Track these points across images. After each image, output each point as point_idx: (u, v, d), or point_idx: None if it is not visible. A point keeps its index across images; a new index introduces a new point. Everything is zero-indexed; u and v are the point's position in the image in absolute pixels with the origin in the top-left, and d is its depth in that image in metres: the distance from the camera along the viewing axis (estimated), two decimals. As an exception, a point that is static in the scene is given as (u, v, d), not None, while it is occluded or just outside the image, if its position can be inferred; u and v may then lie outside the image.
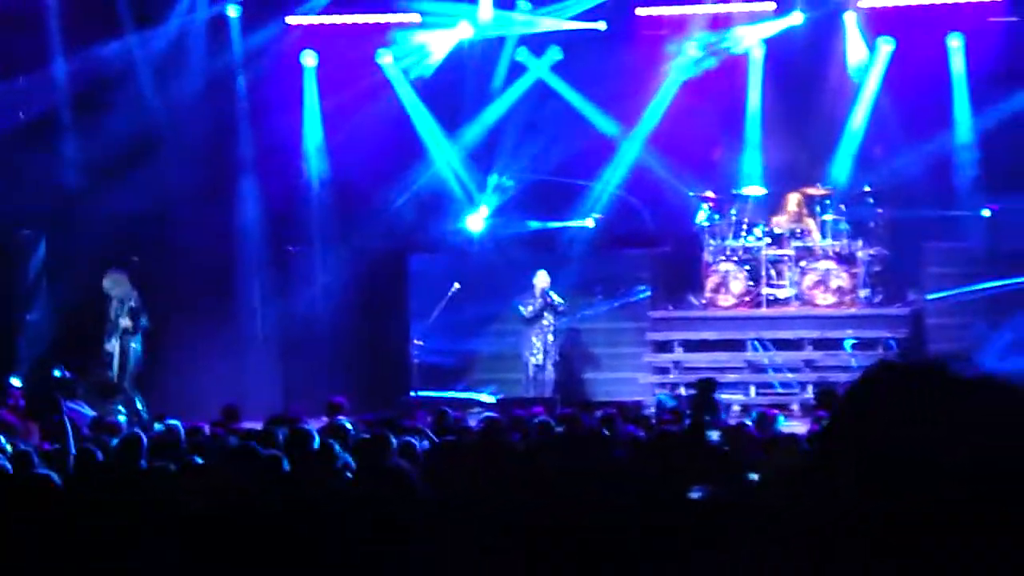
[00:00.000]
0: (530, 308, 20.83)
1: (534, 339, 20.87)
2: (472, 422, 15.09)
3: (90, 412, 16.57)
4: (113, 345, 19.63)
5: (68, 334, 20.24)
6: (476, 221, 22.58)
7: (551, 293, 20.83)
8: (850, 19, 21.91)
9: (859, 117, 21.93)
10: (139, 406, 19.11)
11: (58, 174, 21.10)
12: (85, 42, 21.05)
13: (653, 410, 18.22)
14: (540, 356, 20.86)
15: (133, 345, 19.67)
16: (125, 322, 19.62)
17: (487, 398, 20.56)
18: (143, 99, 21.57)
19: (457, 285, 21.25)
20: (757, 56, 22.16)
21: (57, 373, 18.93)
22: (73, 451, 9.26)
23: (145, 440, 10.05)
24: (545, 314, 20.83)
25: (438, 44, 22.52)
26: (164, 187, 20.97)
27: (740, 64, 22.24)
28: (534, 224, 22.42)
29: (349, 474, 8.84)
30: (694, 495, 5.49)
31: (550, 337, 20.90)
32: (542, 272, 21.01)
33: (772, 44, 22.02)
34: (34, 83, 20.99)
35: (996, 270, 20.52)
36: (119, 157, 20.92)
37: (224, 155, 21.94)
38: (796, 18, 21.69)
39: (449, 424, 13.98)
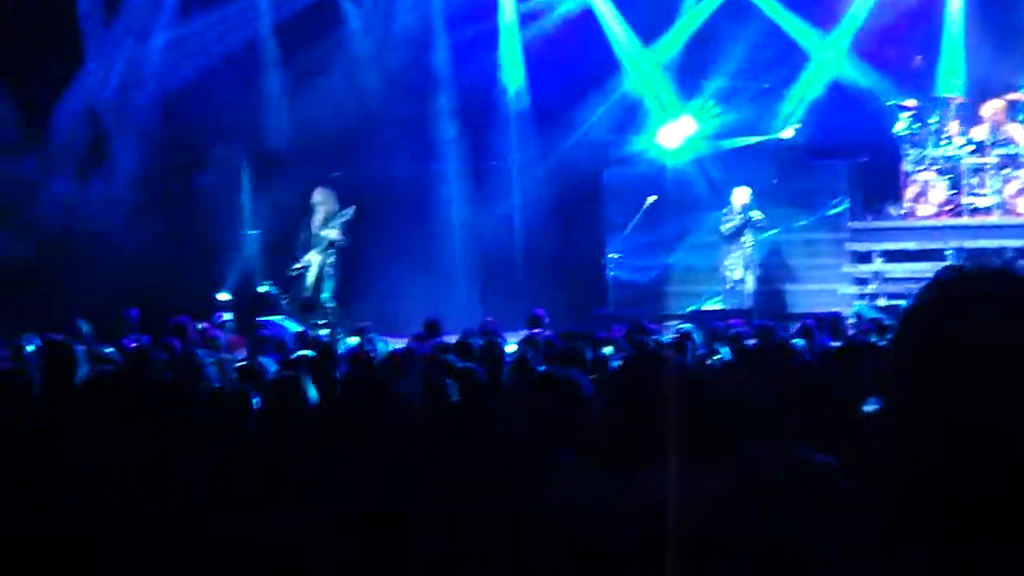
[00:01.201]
0: (730, 225, 20.81)
1: (733, 255, 20.86)
2: (667, 336, 15.13)
3: (295, 327, 17.03)
4: (309, 259, 20.10)
5: (274, 250, 20.78)
6: (671, 135, 22.50)
7: (752, 209, 20.76)
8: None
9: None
10: (336, 320, 19.54)
11: (262, 96, 21.59)
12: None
13: (852, 321, 18.08)
14: (740, 271, 20.85)
15: (331, 260, 20.11)
16: (332, 234, 20.06)
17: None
18: (342, 20, 21.93)
19: (653, 198, 21.32)
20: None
21: (262, 289, 19.46)
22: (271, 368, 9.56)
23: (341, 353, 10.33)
24: (745, 231, 20.80)
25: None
26: (363, 104, 21.34)
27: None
28: (732, 140, 22.27)
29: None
30: (868, 407, 5.54)
31: (749, 251, 20.86)
32: (742, 188, 20.93)
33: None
34: (239, 10, 21.47)
35: None
36: (320, 77, 21.37)
37: (421, 70, 22.19)
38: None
39: (643, 338, 14.05)
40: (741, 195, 20.86)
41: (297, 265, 20.11)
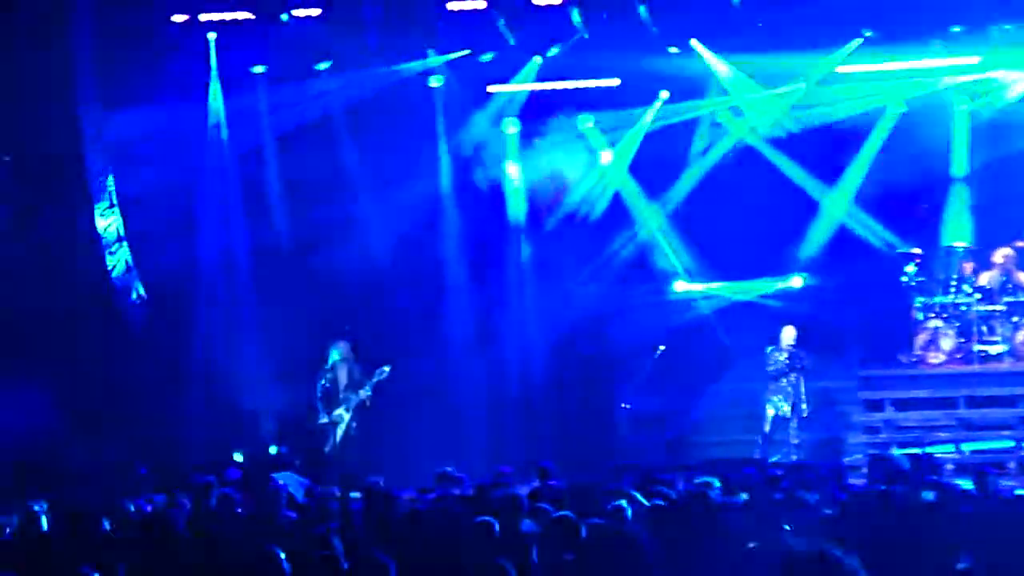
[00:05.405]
0: (778, 365, 20.62)
1: (777, 396, 20.57)
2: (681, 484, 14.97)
3: (300, 481, 16.77)
4: (340, 415, 19.56)
5: (288, 408, 20.53)
6: (683, 285, 22.67)
7: (798, 348, 20.61)
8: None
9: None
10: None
11: (265, 238, 21.52)
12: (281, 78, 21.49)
13: (865, 470, 17.91)
14: (786, 408, 20.48)
15: (349, 415, 19.61)
16: (363, 393, 19.53)
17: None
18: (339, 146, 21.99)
19: (662, 347, 21.22)
20: (963, 109, 21.89)
21: (273, 450, 19.29)
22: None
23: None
24: (790, 371, 20.56)
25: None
26: (367, 249, 21.30)
27: (943, 117, 21.95)
28: (743, 288, 22.31)
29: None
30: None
31: (790, 391, 20.55)
32: (789, 327, 20.74)
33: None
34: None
35: None
36: (323, 220, 21.30)
37: (428, 207, 22.25)
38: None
39: (656, 488, 13.90)
40: (788, 334, 20.69)
41: (324, 420, 19.72)
